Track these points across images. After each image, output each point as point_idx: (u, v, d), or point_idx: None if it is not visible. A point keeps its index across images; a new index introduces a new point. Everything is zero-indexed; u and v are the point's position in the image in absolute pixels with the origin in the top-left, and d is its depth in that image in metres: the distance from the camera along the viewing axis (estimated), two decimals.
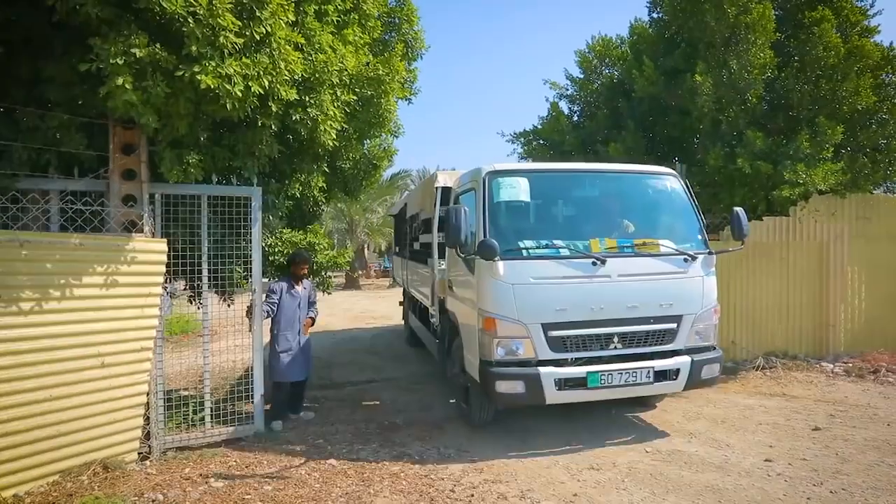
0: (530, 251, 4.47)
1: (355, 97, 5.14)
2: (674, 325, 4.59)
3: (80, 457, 3.90)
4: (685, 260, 4.67)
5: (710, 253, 4.82)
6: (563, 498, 3.76)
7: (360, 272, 27.26)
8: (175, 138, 4.05)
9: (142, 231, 4.24)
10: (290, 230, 5.93)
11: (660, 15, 9.35)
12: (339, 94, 4.82)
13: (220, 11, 3.59)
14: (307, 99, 4.52)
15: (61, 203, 4.00)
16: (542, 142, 10.80)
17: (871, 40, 8.03)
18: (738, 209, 4.96)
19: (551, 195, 5.02)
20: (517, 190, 4.61)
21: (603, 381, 4.36)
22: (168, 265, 4.37)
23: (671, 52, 8.66)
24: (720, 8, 7.56)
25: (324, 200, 6.48)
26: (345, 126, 5.15)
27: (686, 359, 4.59)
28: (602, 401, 4.77)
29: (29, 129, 3.92)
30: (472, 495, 3.80)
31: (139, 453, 4.25)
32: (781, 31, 8.11)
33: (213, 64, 3.64)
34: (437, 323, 5.96)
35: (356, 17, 5.53)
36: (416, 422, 5.40)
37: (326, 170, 5.79)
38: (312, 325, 5.74)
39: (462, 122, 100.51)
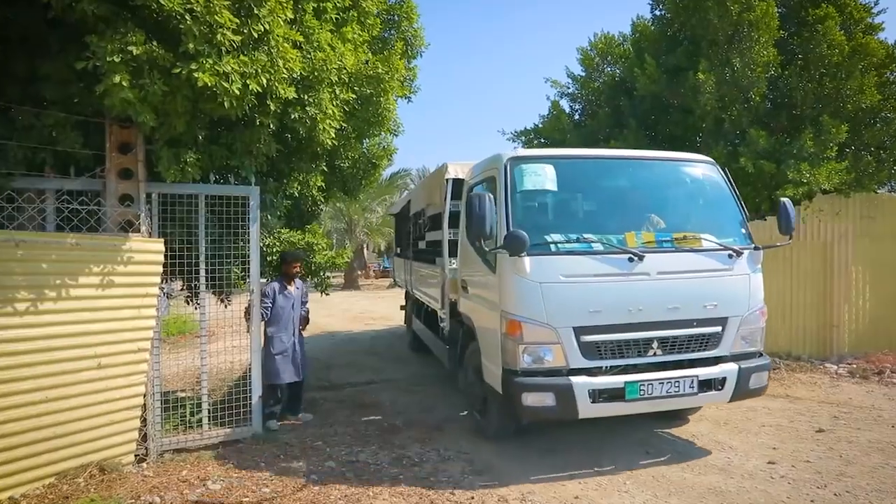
0: (559, 246, 4.05)
1: (354, 95, 5.10)
2: (718, 329, 4.19)
3: (77, 459, 3.86)
4: (729, 256, 4.25)
5: (755, 248, 4.40)
6: (564, 500, 3.72)
7: (359, 272, 27.23)
8: (172, 137, 4.01)
9: (139, 231, 4.20)
10: (288, 230, 5.88)
11: (662, 12, 9.31)
12: (337, 92, 4.77)
13: (217, 9, 3.55)
14: (306, 97, 4.47)
15: (57, 202, 3.96)
16: (543, 140, 10.74)
17: (876, 38, 7.98)
18: (785, 200, 4.56)
19: (580, 184, 4.57)
20: (542, 178, 4.19)
21: (642, 393, 3.93)
22: (165, 265, 4.32)
23: (673, 49, 8.61)
24: (723, 5, 7.52)
25: (322, 200, 6.42)
26: (343, 125, 5.11)
27: (732, 366, 4.16)
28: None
29: (24, 127, 3.88)
30: (472, 498, 3.76)
31: (136, 455, 4.20)
32: (785, 28, 8.06)
33: (211, 62, 3.60)
34: (447, 327, 5.59)
35: (355, 15, 5.49)
36: (415, 423, 5.36)
37: (325, 169, 5.74)
38: (308, 323, 5.67)
39: (462, 120, 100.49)
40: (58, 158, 4.01)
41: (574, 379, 3.88)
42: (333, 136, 4.80)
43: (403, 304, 10.13)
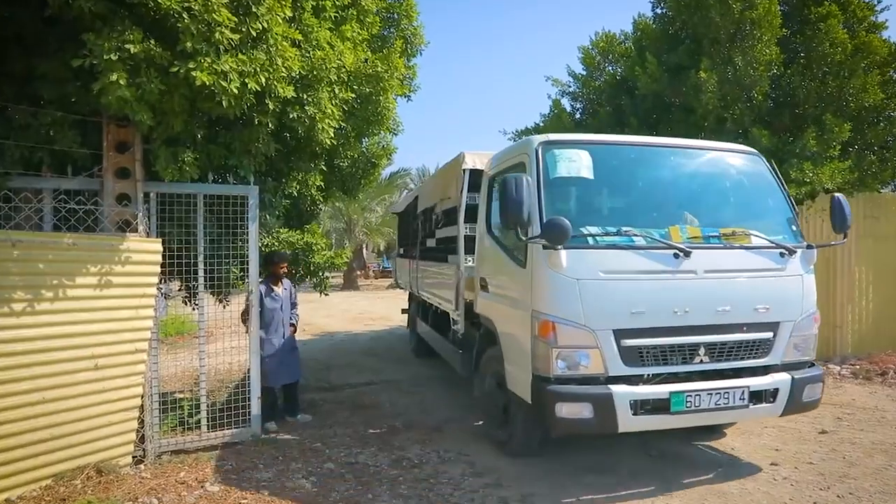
0: (598, 239, 3.70)
1: (353, 94, 5.07)
2: (770, 335, 3.84)
3: (74, 460, 3.83)
4: (781, 254, 3.94)
5: (808, 247, 4.08)
6: (564, 500, 3.69)
7: (358, 272, 27.21)
8: (170, 136, 3.98)
9: (136, 230, 4.17)
10: (286, 230, 5.86)
11: (664, 10, 9.25)
12: (337, 91, 4.74)
13: (215, 7, 3.52)
14: (305, 96, 4.43)
15: (54, 202, 3.93)
16: None
17: (879, 36, 7.93)
18: (839, 195, 4.19)
19: (618, 172, 4.21)
20: (578, 164, 3.85)
21: (689, 405, 3.56)
22: (163, 265, 4.29)
23: (675, 48, 8.55)
24: (725, 3, 7.46)
25: (321, 199, 6.39)
26: (343, 124, 5.08)
27: (785, 376, 3.82)
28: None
29: (21, 126, 3.84)
30: (472, 500, 3.73)
31: (133, 457, 4.17)
32: (787, 26, 8.00)
33: (209, 60, 3.57)
34: (461, 330, 5.23)
35: (354, 13, 5.46)
36: (415, 425, 5.33)
37: (324, 168, 5.70)
38: (295, 331, 5.58)
39: (462, 119, 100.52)
40: (55, 158, 3.98)
41: (614, 388, 3.50)
42: (332, 135, 4.77)
43: (406, 307, 9.75)
